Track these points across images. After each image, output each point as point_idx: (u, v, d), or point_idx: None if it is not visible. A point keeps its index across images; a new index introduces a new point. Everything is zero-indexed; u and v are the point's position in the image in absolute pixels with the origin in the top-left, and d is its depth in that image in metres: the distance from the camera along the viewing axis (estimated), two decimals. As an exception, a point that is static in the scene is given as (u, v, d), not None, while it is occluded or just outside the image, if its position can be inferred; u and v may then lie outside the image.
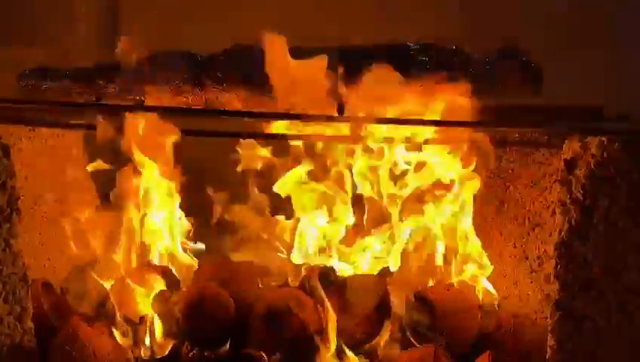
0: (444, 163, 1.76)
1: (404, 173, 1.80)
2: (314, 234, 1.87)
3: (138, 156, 1.69)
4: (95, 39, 2.47)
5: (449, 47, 1.68)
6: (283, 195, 1.85)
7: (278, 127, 1.69)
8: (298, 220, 1.86)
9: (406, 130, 1.65)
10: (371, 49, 1.65)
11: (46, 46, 2.38)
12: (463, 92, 1.60)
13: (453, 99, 1.61)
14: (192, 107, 1.69)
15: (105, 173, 1.86)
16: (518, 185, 1.81)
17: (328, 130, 1.67)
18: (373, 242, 1.86)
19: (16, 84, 1.84)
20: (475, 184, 1.75)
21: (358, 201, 1.86)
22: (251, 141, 1.84)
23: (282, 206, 1.90)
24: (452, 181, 1.77)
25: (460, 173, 1.75)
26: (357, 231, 1.87)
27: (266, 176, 1.84)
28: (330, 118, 1.60)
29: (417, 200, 1.78)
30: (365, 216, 1.85)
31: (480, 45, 1.72)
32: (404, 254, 1.79)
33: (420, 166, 1.79)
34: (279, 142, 1.80)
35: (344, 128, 1.65)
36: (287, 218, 1.91)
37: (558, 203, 1.48)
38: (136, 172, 1.76)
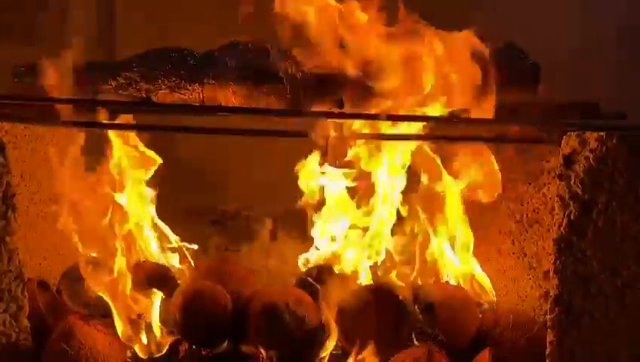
0: None
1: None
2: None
3: None
4: (92, 38, 2.46)
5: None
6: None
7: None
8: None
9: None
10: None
11: (42, 45, 2.36)
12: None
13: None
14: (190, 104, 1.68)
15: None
16: (516, 182, 1.80)
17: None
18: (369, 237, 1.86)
19: (11, 81, 1.82)
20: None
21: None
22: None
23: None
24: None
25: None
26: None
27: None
28: (330, 115, 1.60)
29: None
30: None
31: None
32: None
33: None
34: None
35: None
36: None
37: (556, 198, 1.47)
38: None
